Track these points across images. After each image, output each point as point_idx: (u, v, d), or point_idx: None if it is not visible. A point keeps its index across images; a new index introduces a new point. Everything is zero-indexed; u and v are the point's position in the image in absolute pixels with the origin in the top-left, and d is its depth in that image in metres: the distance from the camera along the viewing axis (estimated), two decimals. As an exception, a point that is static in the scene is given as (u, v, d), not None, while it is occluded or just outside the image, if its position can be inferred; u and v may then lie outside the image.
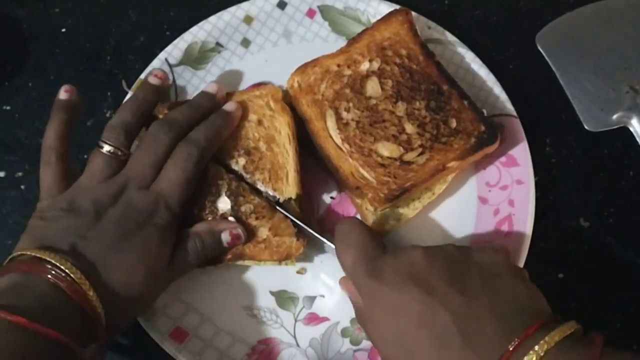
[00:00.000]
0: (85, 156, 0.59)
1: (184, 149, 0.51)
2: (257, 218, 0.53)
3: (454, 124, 0.55)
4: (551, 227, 0.57)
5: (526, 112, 0.59)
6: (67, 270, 0.43)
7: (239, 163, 0.54)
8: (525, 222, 0.55)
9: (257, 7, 0.62)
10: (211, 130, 0.53)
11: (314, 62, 0.58)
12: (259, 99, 0.56)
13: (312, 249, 0.55)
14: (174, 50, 0.60)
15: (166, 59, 0.60)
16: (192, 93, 0.60)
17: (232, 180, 0.54)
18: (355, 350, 0.53)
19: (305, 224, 0.53)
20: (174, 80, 0.60)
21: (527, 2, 0.65)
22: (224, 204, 0.53)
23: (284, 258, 0.53)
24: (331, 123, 0.55)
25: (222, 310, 0.54)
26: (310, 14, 0.62)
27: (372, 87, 0.56)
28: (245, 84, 0.60)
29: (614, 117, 0.59)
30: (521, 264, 0.53)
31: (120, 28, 0.64)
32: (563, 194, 0.59)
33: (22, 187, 0.59)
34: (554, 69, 0.61)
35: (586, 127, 0.60)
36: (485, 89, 0.58)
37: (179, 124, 0.52)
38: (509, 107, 0.58)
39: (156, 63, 0.59)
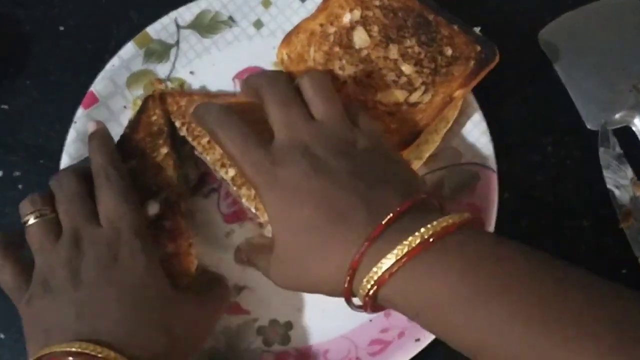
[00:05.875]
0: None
1: (96, 175, 0.50)
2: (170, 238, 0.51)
3: (449, 51, 0.54)
4: (552, 228, 0.57)
5: (527, 112, 0.58)
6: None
7: (228, 173, 0.53)
8: None
9: (279, -7, 0.61)
10: (97, 152, 0.51)
11: (296, 29, 0.56)
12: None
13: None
14: (186, 12, 0.60)
15: (175, 19, 0.60)
16: (192, 58, 0.60)
17: (174, 192, 0.52)
18: (264, 351, 0.53)
19: None
20: (177, 42, 0.60)
21: (528, 0, 0.65)
22: (152, 208, 0.51)
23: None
24: None
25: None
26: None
27: (360, 37, 0.55)
28: (246, 64, 0.60)
29: (617, 116, 0.59)
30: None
31: (121, 29, 0.64)
32: (564, 194, 0.58)
33: (20, 186, 0.59)
34: (555, 67, 0.61)
35: (588, 126, 0.59)
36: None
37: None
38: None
39: (165, 20, 0.59)
